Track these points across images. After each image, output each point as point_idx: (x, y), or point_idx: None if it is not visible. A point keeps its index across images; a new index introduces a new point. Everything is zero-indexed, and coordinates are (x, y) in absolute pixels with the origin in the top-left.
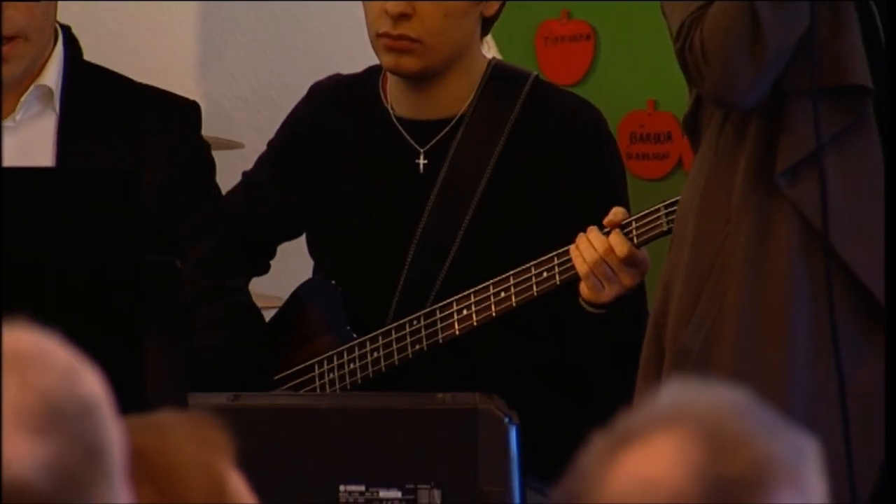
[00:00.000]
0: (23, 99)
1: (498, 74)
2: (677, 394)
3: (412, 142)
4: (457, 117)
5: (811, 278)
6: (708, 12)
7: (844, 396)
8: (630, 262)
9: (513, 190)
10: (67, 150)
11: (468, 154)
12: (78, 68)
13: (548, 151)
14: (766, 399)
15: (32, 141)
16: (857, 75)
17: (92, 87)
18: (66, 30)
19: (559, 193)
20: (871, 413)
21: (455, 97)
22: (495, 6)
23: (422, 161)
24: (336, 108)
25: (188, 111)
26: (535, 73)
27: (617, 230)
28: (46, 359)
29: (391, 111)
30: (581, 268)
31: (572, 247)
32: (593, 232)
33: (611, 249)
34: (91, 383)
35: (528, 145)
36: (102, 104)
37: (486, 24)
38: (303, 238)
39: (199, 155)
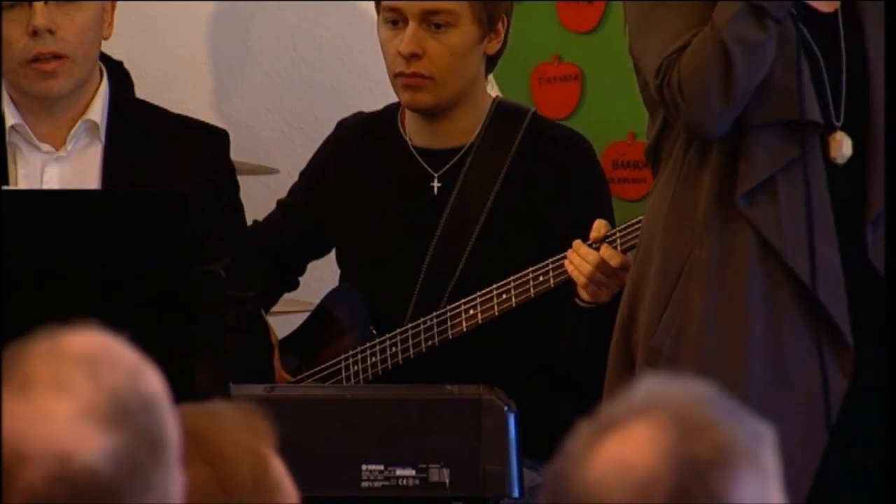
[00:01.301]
0: (72, 132)
1: (501, 110)
2: (651, 386)
3: (427, 168)
4: (466, 146)
5: (766, 287)
6: (684, 54)
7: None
8: (623, 269)
9: (514, 210)
10: (112, 176)
11: (476, 179)
12: (121, 103)
13: (545, 177)
14: (726, 392)
15: (81, 170)
16: (807, 111)
17: (133, 120)
18: (118, 65)
19: (555, 213)
20: (814, 411)
21: (464, 129)
22: (496, 46)
23: (436, 184)
24: (360, 140)
25: (218, 138)
26: (534, 109)
27: (606, 244)
28: (114, 359)
29: (409, 141)
30: (579, 279)
31: (566, 261)
32: (582, 247)
33: (604, 261)
34: (153, 381)
35: (528, 172)
36: (142, 134)
37: (490, 63)
38: (331, 251)
39: (227, 177)
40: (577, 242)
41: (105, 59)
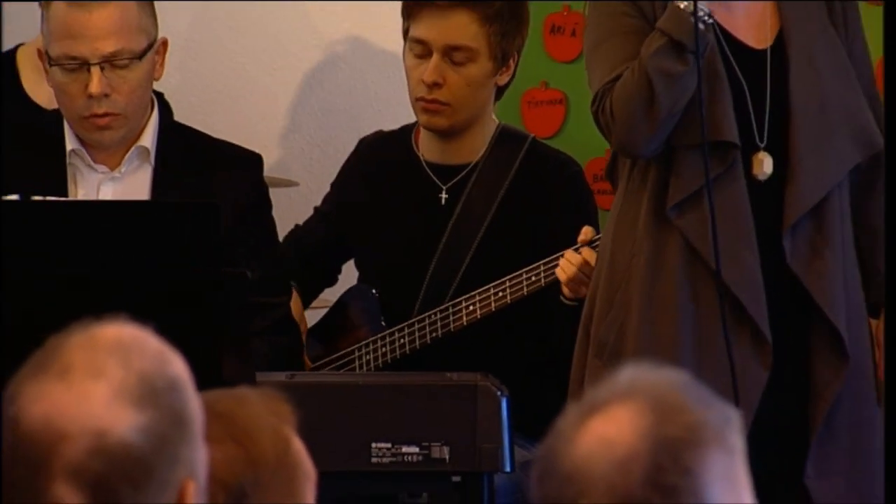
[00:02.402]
0: (126, 156)
1: (505, 134)
2: (631, 374)
3: (437, 181)
4: (472, 164)
5: (693, 288)
6: (617, 83)
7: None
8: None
9: (513, 221)
10: (160, 194)
11: (480, 192)
12: (168, 130)
13: (541, 193)
14: None
15: (133, 189)
16: (726, 133)
17: (179, 145)
18: (159, 96)
19: (548, 224)
20: (739, 400)
21: (471, 148)
22: (507, 78)
23: (444, 196)
24: (378, 156)
25: (253, 161)
26: (533, 135)
27: (587, 247)
28: (142, 346)
29: (421, 157)
30: (562, 277)
31: (558, 269)
32: (569, 252)
33: (586, 262)
34: (177, 365)
35: (526, 188)
36: (186, 157)
37: (500, 92)
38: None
39: (260, 196)
40: (567, 251)
41: None
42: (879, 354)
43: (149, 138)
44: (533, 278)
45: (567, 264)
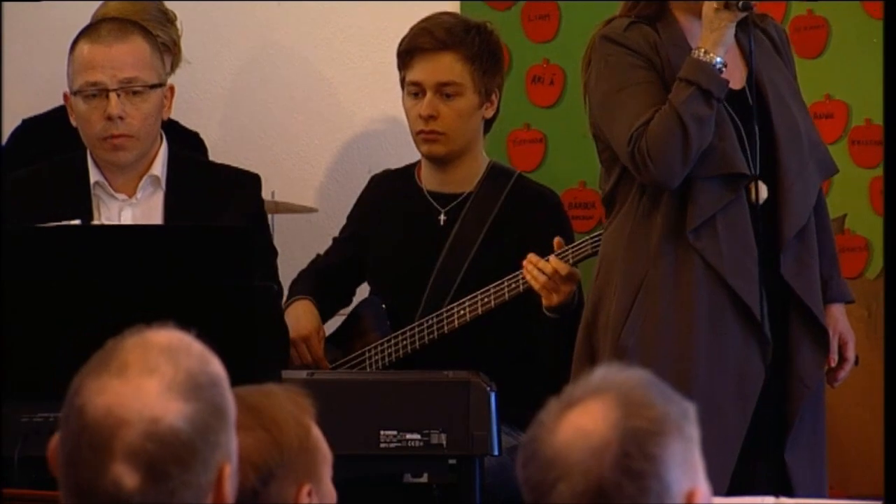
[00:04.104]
0: (140, 184)
1: (495, 170)
2: (603, 374)
3: (436, 205)
4: (466, 193)
5: (709, 298)
6: (649, 126)
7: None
8: (570, 277)
9: (500, 241)
10: (171, 216)
11: (473, 217)
12: (175, 159)
13: (524, 219)
14: (678, 382)
15: (148, 212)
16: (738, 166)
17: (185, 172)
18: (194, 135)
19: (530, 243)
20: (742, 390)
21: (465, 178)
22: (491, 112)
23: (442, 217)
24: (387, 190)
25: (252, 180)
26: (519, 172)
27: (555, 257)
28: (188, 348)
29: (423, 187)
30: (535, 285)
31: (524, 270)
32: (540, 261)
33: (556, 271)
34: (216, 365)
35: (512, 215)
36: (193, 182)
37: (487, 125)
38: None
39: (258, 209)
40: (533, 255)
41: (185, 130)
42: (830, 339)
43: (159, 167)
44: (513, 285)
45: (538, 273)
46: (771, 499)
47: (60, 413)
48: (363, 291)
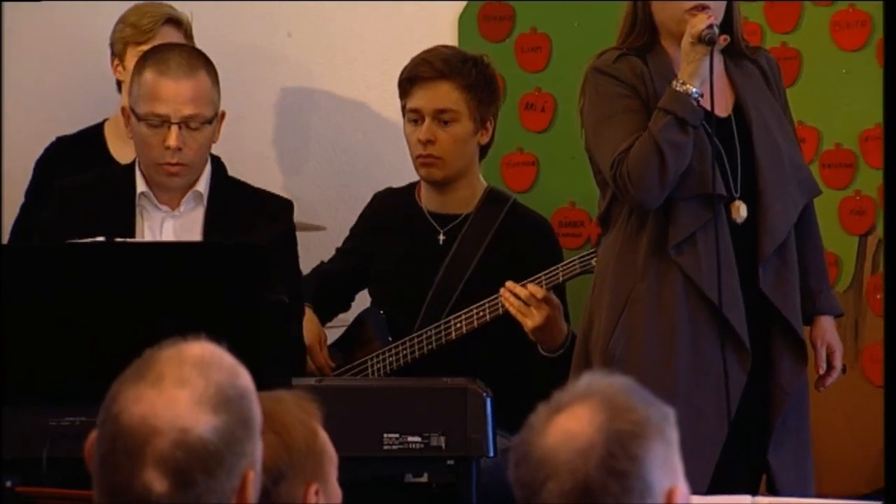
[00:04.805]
0: (184, 199)
1: (492, 195)
2: (589, 380)
3: (436, 225)
4: (464, 215)
5: (689, 309)
6: (630, 152)
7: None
8: (546, 300)
9: (494, 261)
10: (211, 229)
11: (470, 237)
12: (218, 179)
13: (516, 242)
14: (661, 388)
15: (189, 225)
16: (716, 187)
17: (226, 191)
18: (216, 159)
19: (522, 264)
20: (722, 396)
21: (462, 201)
22: (486, 138)
23: (441, 237)
24: (389, 207)
25: (284, 205)
26: (514, 197)
27: (532, 283)
28: (219, 362)
29: (423, 207)
30: (511, 310)
31: (501, 297)
32: (516, 287)
33: (532, 294)
34: (245, 378)
35: (506, 237)
36: (232, 201)
37: (483, 150)
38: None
39: (289, 233)
40: (509, 283)
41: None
42: (816, 353)
43: (203, 185)
44: (496, 305)
45: (513, 298)
46: (748, 498)
47: (98, 416)
48: (363, 299)
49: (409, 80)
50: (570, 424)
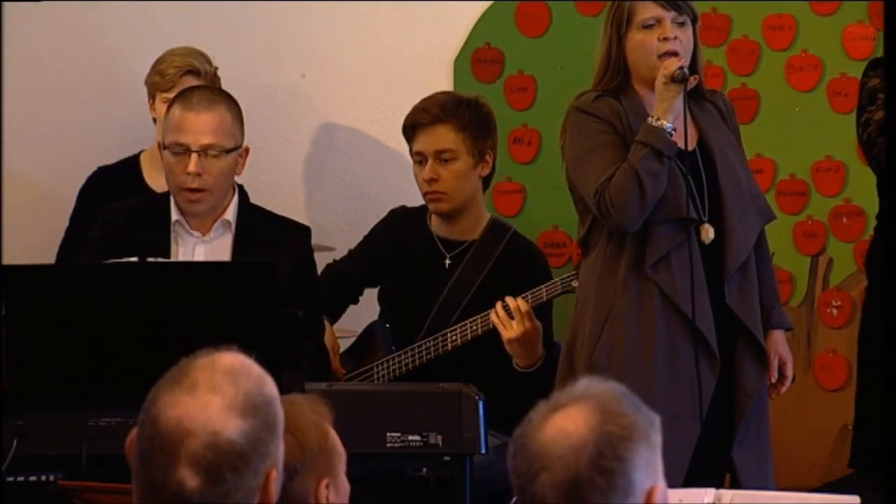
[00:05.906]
0: (214, 225)
1: (495, 224)
2: (585, 384)
3: (443, 250)
4: (469, 241)
5: (666, 322)
6: (611, 181)
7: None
8: (528, 316)
9: (494, 285)
10: (238, 253)
11: (474, 262)
12: (245, 208)
13: (515, 268)
14: (640, 393)
15: (219, 249)
16: (688, 212)
17: (252, 219)
18: (240, 187)
19: (517, 289)
20: (695, 400)
21: (468, 228)
22: (487, 170)
23: (447, 261)
24: (403, 226)
25: (304, 231)
26: (514, 228)
27: (518, 298)
28: (248, 371)
29: (433, 231)
30: (494, 319)
31: (492, 315)
32: (507, 299)
33: (517, 307)
34: (271, 386)
35: (506, 263)
36: (257, 228)
37: (485, 182)
38: (372, 298)
39: (308, 255)
40: (500, 301)
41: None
42: (768, 363)
43: (231, 214)
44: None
45: (499, 308)
46: (712, 490)
47: (138, 417)
48: (371, 309)
49: (412, 127)
50: (566, 423)
